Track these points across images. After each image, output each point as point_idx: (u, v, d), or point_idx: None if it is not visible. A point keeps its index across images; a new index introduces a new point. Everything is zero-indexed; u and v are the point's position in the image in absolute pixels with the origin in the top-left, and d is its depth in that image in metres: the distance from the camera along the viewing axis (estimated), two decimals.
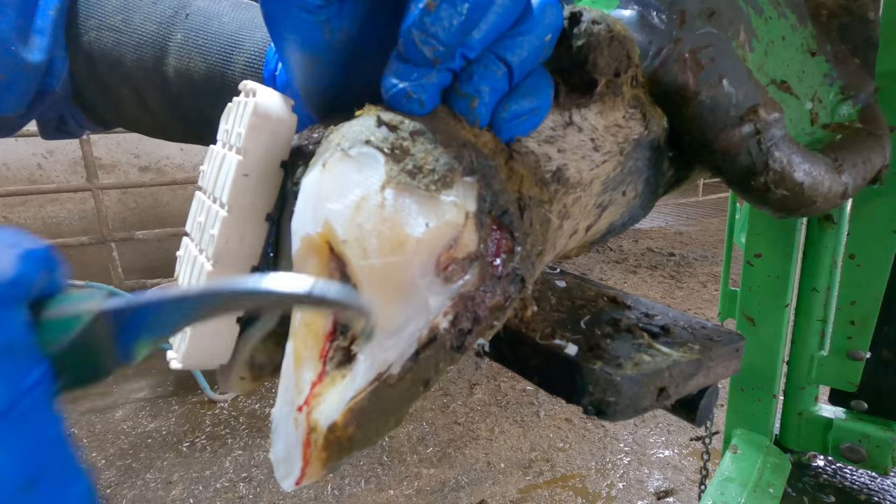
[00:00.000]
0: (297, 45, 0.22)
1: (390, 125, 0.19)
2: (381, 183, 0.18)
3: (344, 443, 0.18)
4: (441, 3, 0.18)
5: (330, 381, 0.18)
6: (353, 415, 0.18)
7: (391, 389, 0.18)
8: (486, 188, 0.19)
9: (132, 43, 0.38)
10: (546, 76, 0.23)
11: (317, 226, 0.18)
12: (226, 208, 0.22)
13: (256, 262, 0.23)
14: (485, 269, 0.19)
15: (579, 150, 0.25)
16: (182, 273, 0.25)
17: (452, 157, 0.19)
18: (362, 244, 0.17)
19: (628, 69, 0.25)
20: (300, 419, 0.18)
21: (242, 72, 0.37)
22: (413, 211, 0.18)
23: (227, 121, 0.24)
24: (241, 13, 0.38)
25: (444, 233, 0.18)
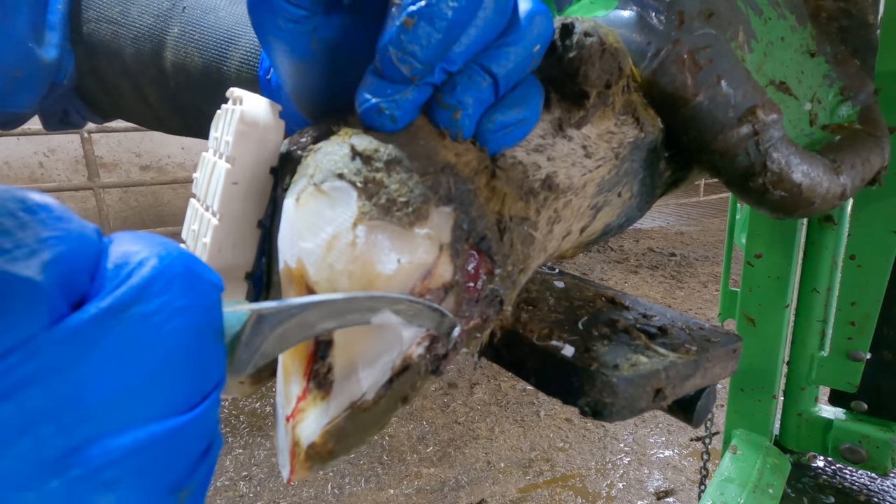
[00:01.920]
0: (284, 54, 0.22)
1: (364, 156, 0.18)
2: (353, 220, 0.18)
3: (325, 455, 0.18)
4: (419, 21, 0.18)
5: (311, 400, 0.19)
6: (330, 435, 0.18)
7: (366, 413, 0.18)
8: (463, 216, 0.19)
9: (130, 35, 0.38)
10: (536, 86, 0.22)
11: (292, 260, 0.18)
12: (217, 217, 0.22)
13: (250, 269, 0.23)
14: (461, 296, 0.19)
15: (569, 157, 0.25)
16: None
17: (428, 187, 0.18)
18: (333, 285, 0.17)
19: (619, 80, 0.25)
20: (287, 429, 0.19)
21: (238, 68, 0.36)
22: (385, 247, 0.18)
23: (217, 128, 0.24)
24: (238, 7, 0.38)
25: (417, 267, 0.18)
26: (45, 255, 0.11)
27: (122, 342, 0.12)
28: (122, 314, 0.12)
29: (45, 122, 0.44)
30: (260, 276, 0.23)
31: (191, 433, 0.13)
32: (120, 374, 0.12)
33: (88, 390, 0.11)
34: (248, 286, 0.23)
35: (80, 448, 0.11)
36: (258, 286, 0.24)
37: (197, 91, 0.38)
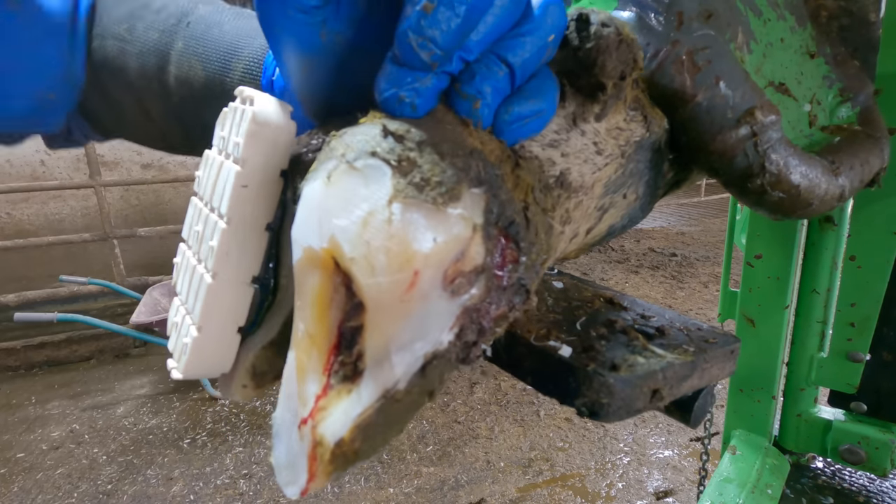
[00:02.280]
0: (293, 48, 0.22)
1: (396, 135, 0.18)
2: (389, 197, 0.17)
3: (350, 456, 0.18)
4: (438, 5, 0.18)
5: (335, 396, 0.18)
6: (359, 430, 0.17)
7: (398, 404, 0.18)
8: (493, 199, 0.19)
9: (135, 52, 0.38)
10: (551, 78, 0.22)
11: (321, 241, 0.18)
12: (225, 220, 0.21)
13: (257, 273, 0.23)
14: (490, 281, 0.19)
15: (582, 153, 0.25)
16: (180, 282, 0.25)
17: (460, 169, 0.18)
18: (370, 262, 0.17)
19: (633, 72, 0.25)
20: (305, 432, 0.18)
21: (241, 79, 0.37)
22: (421, 225, 0.17)
23: (224, 127, 0.24)
24: (243, 22, 0.38)
25: (452, 247, 0.18)
26: None
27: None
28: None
29: (49, 141, 0.44)
30: (267, 281, 0.23)
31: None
32: None
33: None
34: (255, 290, 0.23)
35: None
36: (265, 290, 0.23)
37: (199, 104, 0.38)
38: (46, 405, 2.36)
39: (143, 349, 2.88)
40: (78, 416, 2.28)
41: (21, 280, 2.77)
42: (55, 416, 2.28)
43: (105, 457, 1.99)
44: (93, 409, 2.34)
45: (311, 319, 0.19)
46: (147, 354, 2.84)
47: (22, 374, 2.67)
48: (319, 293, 0.18)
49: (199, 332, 0.22)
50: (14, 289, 2.68)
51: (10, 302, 2.60)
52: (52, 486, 1.82)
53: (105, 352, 2.83)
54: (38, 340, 2.71)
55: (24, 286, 2.73)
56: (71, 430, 2.17)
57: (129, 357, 2.83)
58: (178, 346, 0.23)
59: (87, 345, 2.81)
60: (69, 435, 2.14)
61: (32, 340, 2.71)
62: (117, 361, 2.79)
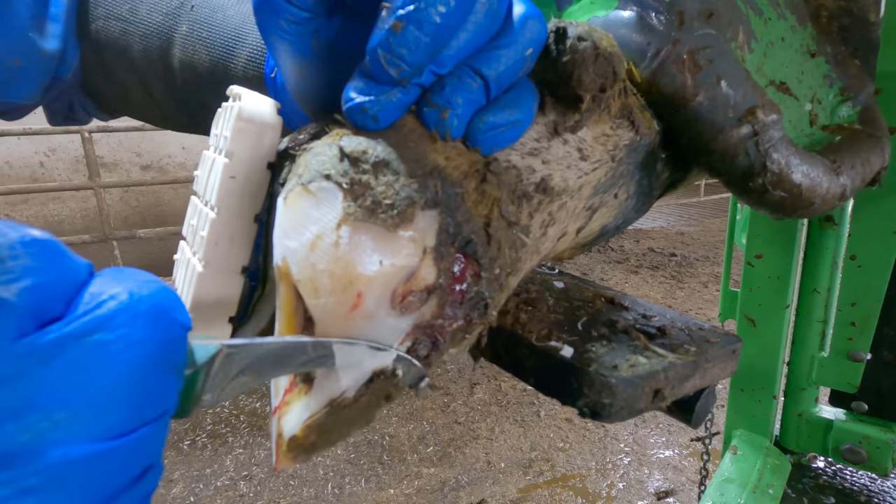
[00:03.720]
0: (287, 54, 0.22)
1: (352, 157, 0.19)
2: (338, 220, 0.18)
3: (307, 447, 0.19)
4: (407, 24, 0.18)
5: (296, 394, 0.19)
6: (311, 430, 0.18)
7: (347, 409, 0.19)
8: (448, 220, 0.19)
9: (139, 33, 0.38)
10: (530, 89, 0.22)
11: (278, 259, 0.19)
12: (214, 210, 0.22)
13: (246, 263, 0.23)
14: (444, 298, 0.19)
15: (564, 160, 0.25)
16: (178, 277, 0.26)
17: (415, 190, 0.19)
18: (314, 284, 0.18)
19: (614, 84, 0.25)
20: (274, 420, 0.19)
21: (245, 66, 0.37)
22: (368, 248, 0.18)
23: (217, 125, 0.24)
24: (245, 6, 0.39)
25: (399, 269, 0.18)
26: (25, 282, 0.13)
27: (74, 364, 0.13)
28: (81, 339, 0.13)
29: (51, 118, 0.44)
30: (256, 271, 0.24)
31: (120, 458, 0.14)
32: (66, 392, 0.13)
33: (33, 402, 0.12)
34: (245, 280, 0.23)
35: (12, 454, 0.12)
36: (254, 281, 0.24)
37: (204, 88, 0.38)
38: None
39: None
40: None
41: None
42: None
43: None
44: None
45: (281, 323, 0.20)
46: None
47: None
48: (285, 302, 0.19)
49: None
50: None
51: None
52: None
53: None
54: None
55: None
56: None
57: None
58: None
59: None
60: None
61: None
62: None
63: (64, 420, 0.13)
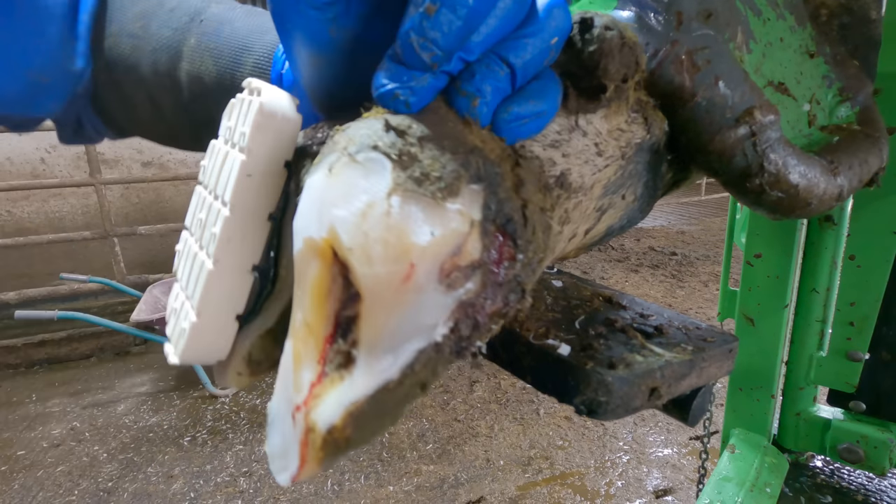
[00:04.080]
0: (303, 43, 0.22)
1: (398, 130, 0.18)
2: (388, 190, 0.17)
3: (341, 443, 0.18)
4: (441, 7, 0.18)
5: (329, 383, 0.18)
6: (351, 418, 0.18)
7: (390, 393, 0.18)
8: (491, 196, 0.19)
9: (149, 48, 0.38)
10: (554, 80, 0.22)
11: (321, 230, 0.18)
12: (228, 207, 0.22)
13: (257, 262, 0.23)
14: (487, 277, 0.19)
15: (583, 154, 0.25)
16: (181, 269, 0.25)
17: (459, 165, 0.18)
18: (367, 252, 0.17)
19: (636, 74, 0.25)
20: (298, 418, 0.18)
21: (251, 74, 0.37)
22: (419, 219, 0.18)
23: (231, 117, 0.24)
24: (254, 19, 0.39)
25: (449, 241, 0.18)
26: None
27: None
28: None
29: (60, 134, 0.44)
30: (267, 269, 0.24)
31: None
32: None
33: None
34: (255, 278, 0.23)
35: None
36: (264, 279, 0.24)
37: (210, 99, 0.38)
38: (47, 403, 2.37)
39: (144, 347, 2.88)
40: (78, 413, 2.28)
41: (21, 278, 2.78)
42: (56, 413, 2.28)
43: (105, 454, 1.99)
44: (93, 406, 2.34)
45: (309, 308, 0.19)
46: (147, 352, 2.84)
47: (22, 372, 2.67)
48: (318, 282, 0.19)
49: (197, 318, 0.22)
50: (14, 287, 2.69)
51: (11, 300, 2.60)
52: (53, 484, 1.83)
53: (105, 350, 2.84)
54: (39, 338, 2.72)
55: (24, 284, 2.73)
56: (71, 428, 2.17)
57: (130, 355, 2.83)
58: (177, 331, 0.24)
59: (88, 343, 2.81)
60: (70, 433, 2.14)
61: (33, 338, 2.71)
62: (118, 359, 2.79)
63: None
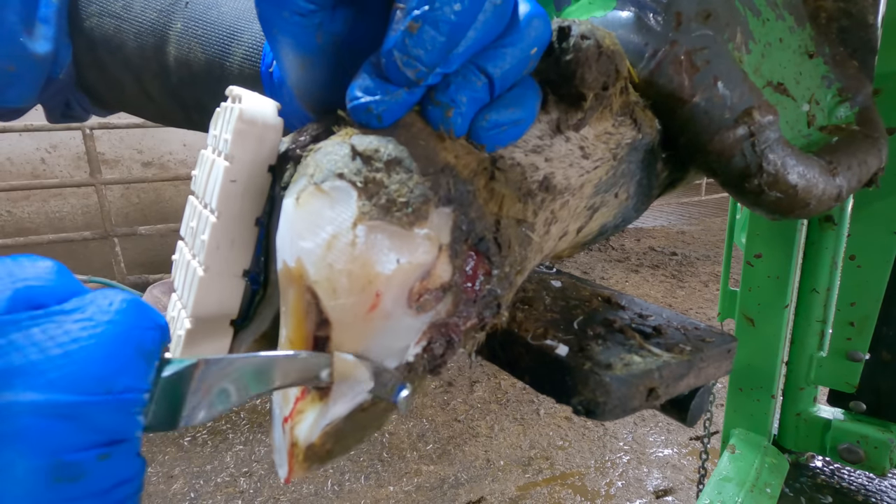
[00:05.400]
0: (290, 48, 0.22)
1: (364, 156, 0.18)
2: (353, 219, 0.18)
3: (323, 455, 0.19)
4: (423, 25, 0.18)
5: (310, 402, 0.19)
6: (329, 436, 0.18)
7: (365, 413, 0.19)
8: (462, 217, 0.19)
9: (133, 30, 0.38)
10: (533, 87, 0.22)
11: (291, 259, 0.18)
12: (215, 214, 0.22)
13: (248, 266, 0.23)
14: (458, 297, 0.19)
15: (567, 158, 0.25)
16: (177, 278, 0.26)
17: (428, 188, 0.18)
18: (332, 284, 0.17)
19: (616, 82, 0.25)
20: (286, 429, 0.19)
21: (241, 63, 0.37)
22: (384, 247, 0.18)
23: (216, 126, 0.24)
24: (240, 3, 0.39)
25: (416, 267, 0.18)
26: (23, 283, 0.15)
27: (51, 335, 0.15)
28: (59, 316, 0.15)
29: (49, 116, 0.44)
30: (257, 274, 0.24)
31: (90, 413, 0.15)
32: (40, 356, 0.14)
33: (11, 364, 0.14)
34: (246, 283, 0.23)
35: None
36: (255, 284, 0.24)
37: (199, 86, 0.38)
38: None
39: None
40: None
41: None
42: None
43: None
44: None
45: (290, 327, 0.19)
46: None
47: None
48: (294, 305, 0.19)
49: (192, 325, 0.22)
50: None
51: None
52: None
53: None
54: None
55: None
56: None
57: None
58: (174, 339, 0.24)
59: None
60: None
61: None
62: None
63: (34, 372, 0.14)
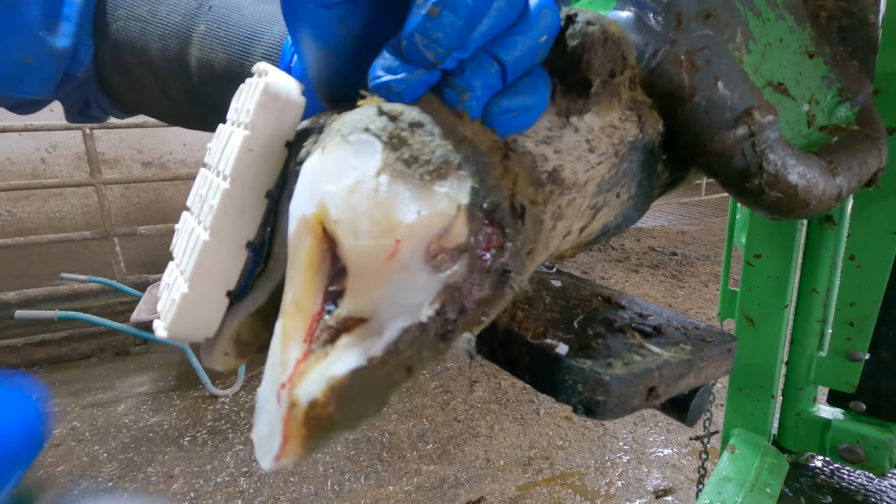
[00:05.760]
0: (312, 39, 0.23)
1: (390, 115, 0.19)
2: (377, 169, 0.18)
3: (324, 421, 0.18)
4: (443, 9, 0.19)
5: (315, 360, 0.18)
6: (333, 392, 0.18)
7: (374, 371, 0.18)
8: (479, 183, 0.20)
9: (158, 33, 0.39)
10: (543, 76, 0.23)
11: (312, 206, 0.18)
12: (228, 181, 0.22)
13: (252, 237, 0.23)
14: (473, 262, 0.19)
15: (575, 150, 0.25)
16: (178, 245, 0.26)
17: (449, 150, 0.19)
18: (354, 225, 0.18)
19: (624, 70, 0.25)
20: (283, 395, 0.18)
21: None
22: (406, 198, 0.18)
23: (238, 99, 0.25)
24: (262, 6, 0.40)
25: (435, 222, 0.18)
26: None
27: None
28: None
29: (67, 113, 0.46)
30: (260, 246, 0.24)
31: None
32: None
33: None
34: (248, 255, 0.23)
35: None
36: (257, 256, 0.24)
37: (220, 86, 0.39)
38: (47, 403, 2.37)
39: (144, 347, 2.88)
40: (79, 413, 2.28)
41: (22, 278, 2.78)
42: (56, 413, 2.28)
43: (106, 454, 2.00)
44: (93, 406, 2.34)
45: (299, 285, 0.19)
46: (147, 352, 2.84)
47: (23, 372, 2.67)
48: (308, 258, 0.19)
49: (188, 289, 0.23)
50: (15, 287, 2.69)
51: (11, 300, 2.60)
52: (53, 484, 1.83)
53: (106, 349, 2.84)
54: (39, 338, 2.72)
55: (24, 284, 2.73)
56: (72, 428, 2.17)
57: (130, 355, 2.84)
58: (167, 303, 0.24)
59: (88, 342, 2.81)
60: (70, 432, 2.14)
61: (33, 338, 2.71)
62: (118, 359, 2.79)
63: None
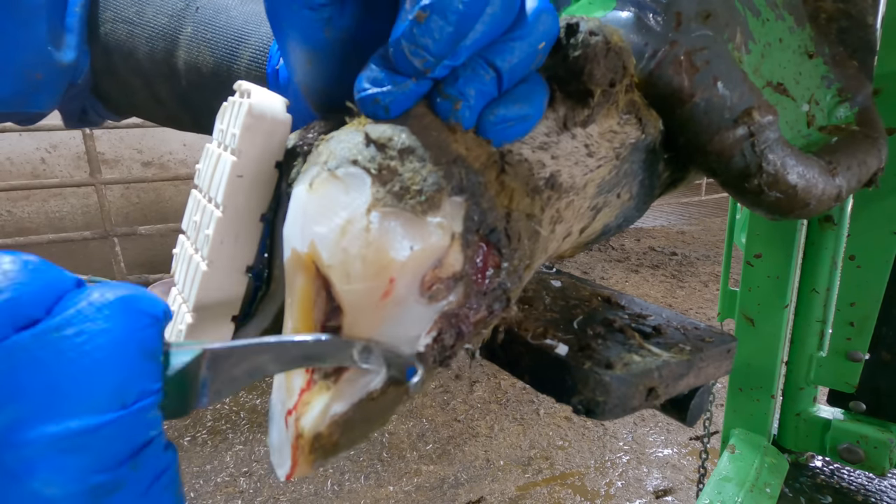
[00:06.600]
0: (298, 42, 0.22)
1: (378, 143, 0.19)
2: (367, 205, 0.18)
3: (329, 448, 0.18)
4: (431, 14, 0.18)
5: (317, 391, 0.19)
6: (337, 426, 0.18)
7: (374, 402, 0.19)
8: (474, 207, 0.19)
9: (144, 35, 0.39)
10: (541, 84, 0.22)
11: (303, 245, 0.18)
12: (220, 209, 0.22)
13: (251, 262, 0.23)
14: (469, 287, 0.19)
15: (573, 156, 0.25)
16: (178, 272, 0.26)
17: (441, 177, 0.19)
18: (346, 269, 0.17)
19: (623, 79, 0.25)
20: (290, 422, 0.19)
21: (247, 67, 0.37)
22: (398, 234, 0.18)
23: (223, 120, 0.24)
24: (248, 7, 0.39)
25: (429, 255, 0.18)
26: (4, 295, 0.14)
27: (48, 356, 0.14)
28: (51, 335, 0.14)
29: (65, 120, 0.45)
30: (260, 270, 0.24)
31: (112, 432, 0.14)
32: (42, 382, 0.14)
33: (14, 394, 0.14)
34: (249, 280, 0.23)
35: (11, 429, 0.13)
36: (258, 280, 0.24)
37: (207, 89, 0.39)
38: None
39: None
40: None
41: None
42: None
43: None
44: None
45: (297, 318, 0.19)
46: None
47: None
48: (303, 294, 0.19)
49: (193, 320, 0.22)
50: None
51: None
52: None
53: None
54: None
55: None
56: None
57: None
58: (174, 333, 0.24)
59: None
60: None
61: None
62: None
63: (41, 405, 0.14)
